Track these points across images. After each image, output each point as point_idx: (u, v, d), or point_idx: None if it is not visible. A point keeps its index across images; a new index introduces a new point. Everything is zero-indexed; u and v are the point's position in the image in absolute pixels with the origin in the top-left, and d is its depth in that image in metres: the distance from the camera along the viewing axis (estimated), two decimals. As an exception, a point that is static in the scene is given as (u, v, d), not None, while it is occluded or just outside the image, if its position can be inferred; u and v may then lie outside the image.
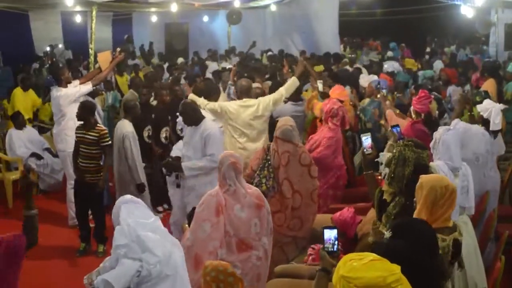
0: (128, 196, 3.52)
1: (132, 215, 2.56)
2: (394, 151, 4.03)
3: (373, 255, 2.36)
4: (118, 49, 8.33)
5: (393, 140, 5.35)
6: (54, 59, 15.94)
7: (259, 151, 5.68)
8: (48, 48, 17.45)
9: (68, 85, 7.51)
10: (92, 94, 8.17)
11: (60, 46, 17.93)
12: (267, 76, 10.29)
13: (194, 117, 6.15)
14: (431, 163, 4.48)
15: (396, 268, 2.29)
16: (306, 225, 5.38)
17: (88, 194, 6.68)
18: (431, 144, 4.99)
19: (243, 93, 6.89)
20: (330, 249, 3.08)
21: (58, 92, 7.46)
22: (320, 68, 11.40)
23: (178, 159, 6.34)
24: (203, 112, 6.41)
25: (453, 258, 3.21)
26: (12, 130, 9.01)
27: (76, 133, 6.72)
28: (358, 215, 5.06)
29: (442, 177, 3.63)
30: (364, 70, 11.42)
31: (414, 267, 2.49)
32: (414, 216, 3.32)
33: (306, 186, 5.37)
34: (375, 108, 7.90)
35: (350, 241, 4.61)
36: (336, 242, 3.09)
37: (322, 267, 3.07)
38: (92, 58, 10.28)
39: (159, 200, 8.01)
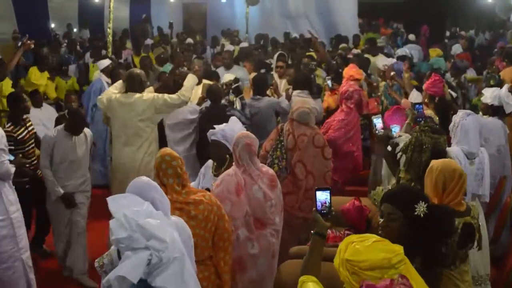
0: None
1: (122, 206, 2.50)
2: (411, 137, 4.03)
3: (375, 237, 2.35)
4: (27, 36, 7.61)
5: (410, 118, 5.35)
6: (72, 38, 15.99)
7: (273, 131, 5.62)
8: (67, 26, 17.48)
9: None
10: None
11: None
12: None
13: None
14: (447, 148, 4.47)
15: (399, 248, 2.29)
16: (318, 207, 5.40)
17: (39, 193, 5.75)
18: (449, 127, 4.98)
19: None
20: (323, 211, 2.93)
21: None
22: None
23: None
24: None
25: (464, 242, 3.21)
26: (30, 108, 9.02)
27: (25, 129, 5.93)
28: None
29: (450, 160, 3.60)
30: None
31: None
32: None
33: (320, 167, 5.38)
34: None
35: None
36: (330, 203, 2.95)
37: (316, 230, 2.91)
38: (110, 37, 10.30)
39: None
